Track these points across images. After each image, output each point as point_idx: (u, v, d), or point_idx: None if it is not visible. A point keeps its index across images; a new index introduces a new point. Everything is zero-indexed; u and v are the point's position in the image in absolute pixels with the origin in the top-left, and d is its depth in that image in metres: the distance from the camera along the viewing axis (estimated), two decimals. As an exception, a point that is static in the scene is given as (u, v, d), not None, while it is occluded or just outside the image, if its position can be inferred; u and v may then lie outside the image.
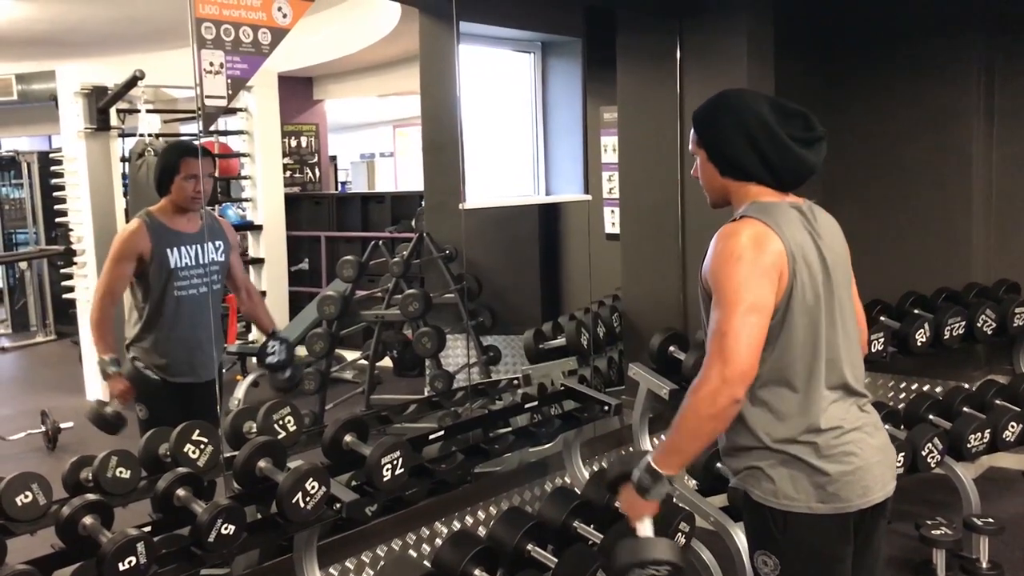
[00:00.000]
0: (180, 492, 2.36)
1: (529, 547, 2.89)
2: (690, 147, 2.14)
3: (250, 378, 6.48)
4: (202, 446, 2.69)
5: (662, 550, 1.94)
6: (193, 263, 3.46)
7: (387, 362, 6.21)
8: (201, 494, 2.42)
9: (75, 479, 2.54)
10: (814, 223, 2.02)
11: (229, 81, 2.56)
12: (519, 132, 4.45)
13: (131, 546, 2.08)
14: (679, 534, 3.06)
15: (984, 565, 3.69)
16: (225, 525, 2.26)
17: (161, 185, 3.47)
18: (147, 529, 2.27)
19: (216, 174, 3.84)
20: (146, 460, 2.70)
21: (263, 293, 7.34)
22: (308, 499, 2.40)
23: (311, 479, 2.40)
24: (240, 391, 6.04)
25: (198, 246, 3.45)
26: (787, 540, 1.98)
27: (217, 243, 3.56)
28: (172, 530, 2.39)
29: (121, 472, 2.52)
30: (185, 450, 2.65)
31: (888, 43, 4.89)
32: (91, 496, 2.24)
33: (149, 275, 3.41)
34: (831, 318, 1.99)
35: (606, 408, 3.44)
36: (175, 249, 3.43)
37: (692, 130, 2.12)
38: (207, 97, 2.50)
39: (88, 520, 2.17)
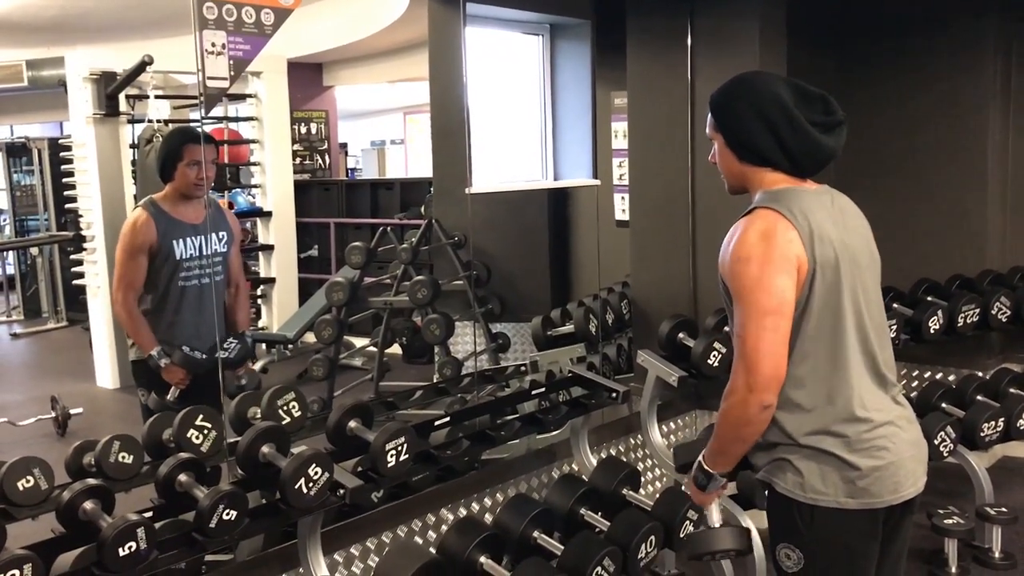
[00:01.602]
0: (182, 477, 2.34)
1: (535, 534, 2.87)
2: (707, 132, 2.09)
3: (259, 364, 6.51)
4: (206, 431, 2.67)
5: (726, 540, 2.09)
6: (197, 253, 3.44)
7: (396, 349, 6.19)
8: (204, 479, 2.40)
9: (78, 464, 2.54)
10: (833, 209, 1.97)
11: (231, 62, 2.53)
12: (528, 116, 4.41)
13: (131, 531, 2.07)
14: (687, 522, 3.04)
15: (997, 555, 3.66)
16: (227, 511, 2.23)
17: (164, 172, 3.45)
18: (149, 514, 2.24)
19: (219, 161, 3.80)
20: (149, 445, 2.69)
21: (272, 280, 7.38)
22: (311, 485, 2.37)
23: (314, 465, 2.37)
24: (258, 374, 6.06)
25: (202, 237, 3.44)
26: (813, 534, 1.94)
27: (220, 233, 3.54)
28: (175, 516, 2.37)
29: (124, 457, 2.51)
30: (188, 435, 2.64)
31: (902, 28, 4.83)
32: (92, 481, 2.22)
33: (155, 266, 3.41)
34: (855, 305, 1.93)
35: (614, 395, 3.40)
36: (180, 241, 3.42)
37: (709, 114, 2.06)
38: (209, 78, 2.47)
39: (89, 505, 2.15)
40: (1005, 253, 4.80)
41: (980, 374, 4.33)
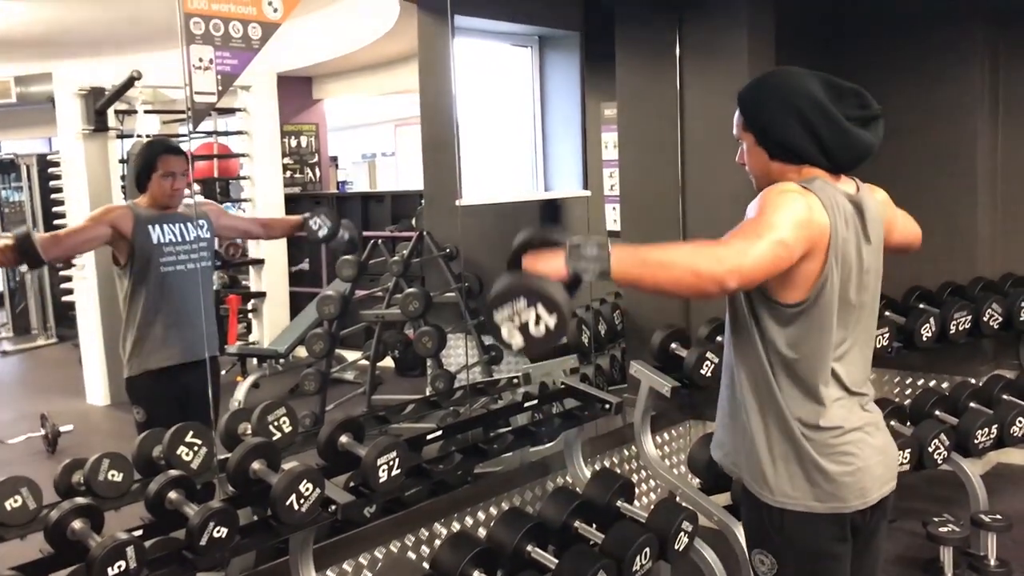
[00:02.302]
0: (172, 495, 2.31)
1: (529, 548, 2.85)
2: (735, 131, 2.01)
3: (250, 379, 6.46)
4: (196, 448, 2.65)
5: (553, 287, 1.69)
6: (178, 239, 3.44)
7: (388, 362, 6.16)
8: (194, 497, 2.38)
9: (67, 483, 2.51)
10: (862, 219, 1.90)
11: (219, 77, 2.52)
12: (518, 128, 4.41)
13: (120, 551, 2.04)
14: (682, 533, 3.02)
15: (992, 563, 3.66)
16: (217, 528, 2.21)
17: (139, 182, 3.47)
18: (139, 533, 2.22)
19: (190, 176, 3.82)
20: (140, 462, 2.67)
21: (263, 294, 7.35)
22: (302, 501, 2.35)
23: (305, 480, 2.35)
24: (240, 392, 6.02)
25: (181, 224, 3.46)
26: (783, 538, 1.94)
27: (200, 221, 3.56)
28: (165, 534, 2.35)
29: (113, 475, 2.49)
30: (179, 452, 2.62)
31: (890, 35, 4.85)
32: (81, 500, 2.19)
33: (134, 255, 3.39)
34: (845, 319, 1.91)
35: (607, 407, 3.39)
36: (156, 226, 3.42)
37: (737, 113, 1.99)
38: (196, 93, 2.46)
39: (77, 524, 2.13)
40: (996, 259, 4.81)
41: (972, 381, 4.33)
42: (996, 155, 4.79)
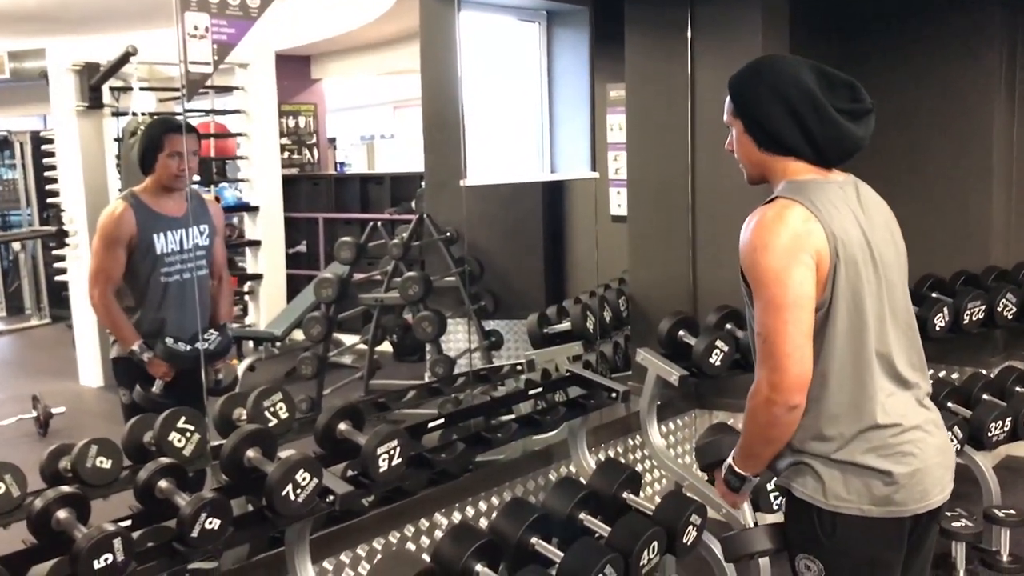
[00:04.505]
0: (162, 484, 2.21)
1: (533, 540, 2.76)
2: (724, 118, 1.97)
3: (246, 362, 6.38)
4: (188, 434, 2.56)
5: (763, 540, 2.05)
6: (178, 248, 3.35)
7: (387, 347, 6.08)
8: (186, 485, 2.28)
9: (53, 469, 2.42)
10: (858, 202, 1.87)
11: (215, 47, 2.41)
12: (524, 107, 4.28)
13: (107, 542, 1.94)
14: (690, 526, 2.93)
15: (1005, 558, 3.58)
16: (209, 519, 2.12)
17: (145, 163, 3.35)
18: (127, 523, 2.12)
19: (202, 153, 3.72)
20: (130, 448, 2.58)
21: (259, 276, 7.26)
22: (299, 491, 2.25)
23: (302, 470, 2.25)
24: (235, 370, 5.94)
25: (183, 230, 3.34)
26: (834, 544, 1.83)
27: (202, 227, 3.44)
28: (155, 523, 2.25)
29: (101, 462, 2.40)
30: (170, 438, 2.52)
31: (906, 19, 4.73)
32: (66, 488, 2.09)
33: (135, 261, 3.31)
34: (878, 305, 1.83)
35: (613, 395, 3.30)
36: (161, 235, 3.32)
37: (727, 99, 1.95)
38: (191, 63, 2.35)
39: (62, 514, 2.03)
40: (1010, 248, 4.71)
41: (984, 372, 4.24)
42: (1012, 143, 4.69)
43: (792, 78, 1.84)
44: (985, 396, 3.94)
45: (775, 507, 3.19)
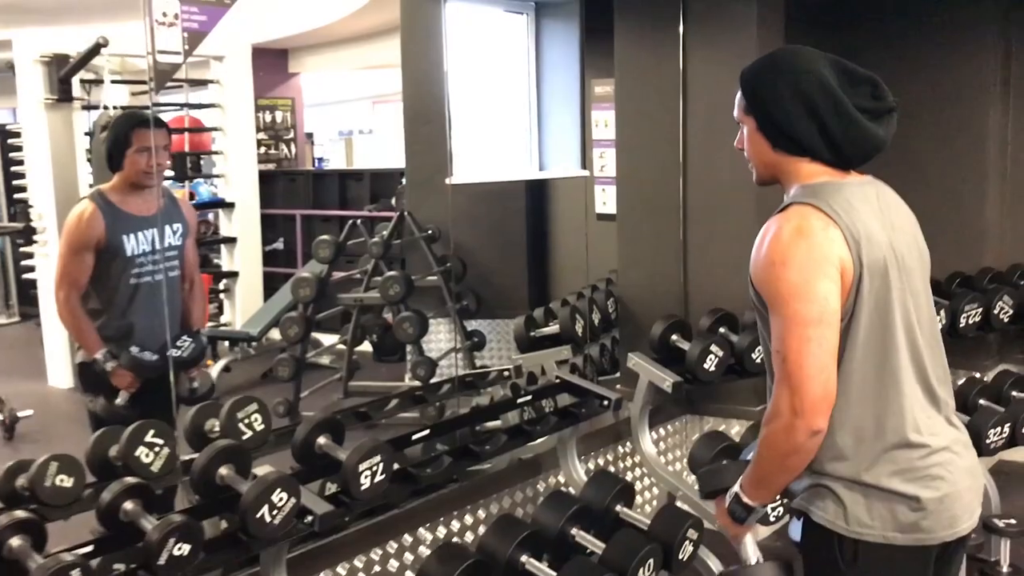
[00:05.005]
0: (127, 506, 2.05)
1: (524, 559, 2.62)
2: (735, 114, 1.83)
3: (222, 363, 6.22)
4: (157, 449, 2.40)
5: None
6: (150, 248, 3.19)
7: (366, 347, 5.94)
8: (153, 506, 2.12)
9: (10, 488, 2.25)
10: (879, 204, 1.74)
11: (186, 35, 2.25)
12: (511, 102, 4.14)
13: (64, 574, 1.78)
14: (687, 542, 2.81)
15: (1005, 569, 3.50)
16: (179, 545, 1.96)
17: (112, 160, 3.19)
18: (87, 550, 1.96)
19: (172, 147, 3.54)
20: (94, 464, 2.42)
21: (235, 274, 7.09)
22: (275, 512, 2.10)
23: (279, 490, 2.10)
24: (211, 376, 5.78)
25: (155, 230, 3.18)
26: (855, 573, 1.70)
27: (175, 226, 3.30)
28: (119, 548, 2.09)
29: (62, 480, 2.23)
30: (137, 453, 2.36)
31: (902, 16, 4.65)
32: (20, 513, 1.93)
33: (102, 264, 3.15)
34: (905, 314, 1.70)
35: (605, 403, 3.17)
36: (131, 236, 3.16)
37: (738, 94, 1.81)
38: (160, 52, 2.19)
39: (15, 541, 1.87)
40: (1004, 250, 4.64)
41: (978, 376, 4.15)
42: (1007, 143, 4.62)
43: (811, 73, 1.70)
44: (982, 401, 3.84)
45: (771, 519, 3.08)
